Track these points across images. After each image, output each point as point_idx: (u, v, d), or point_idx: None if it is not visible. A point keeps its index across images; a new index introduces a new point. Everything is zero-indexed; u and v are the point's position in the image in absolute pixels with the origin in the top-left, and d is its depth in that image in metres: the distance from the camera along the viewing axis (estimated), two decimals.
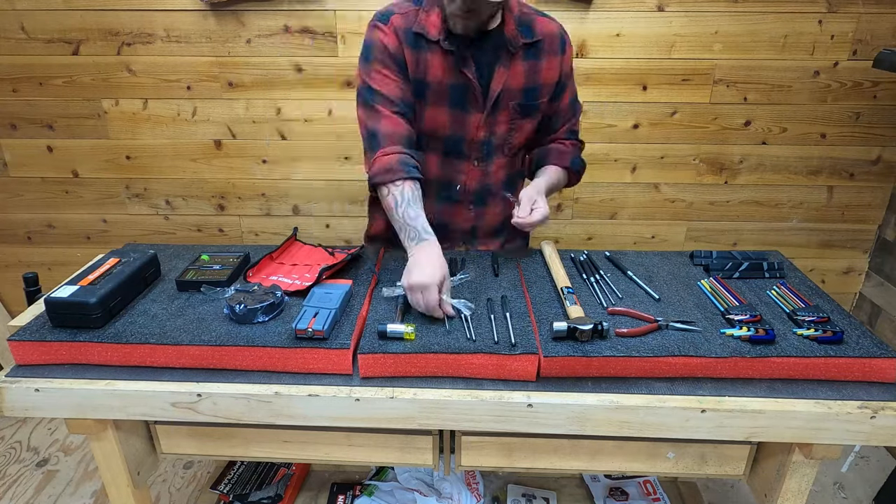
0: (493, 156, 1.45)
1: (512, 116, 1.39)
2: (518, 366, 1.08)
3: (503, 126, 1.40)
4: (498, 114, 1.38)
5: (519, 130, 1.43)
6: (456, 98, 1.35)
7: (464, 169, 1.45)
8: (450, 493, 1.70)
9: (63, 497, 1.97)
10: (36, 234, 2.41)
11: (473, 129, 1.39)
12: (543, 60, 1.37)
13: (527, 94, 1.38)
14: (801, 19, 1.97)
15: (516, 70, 1.35)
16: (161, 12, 2.02)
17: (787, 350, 1.09)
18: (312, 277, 1.33)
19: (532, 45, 1.35)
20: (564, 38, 1.40)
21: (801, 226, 2.29)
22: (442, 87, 1.34)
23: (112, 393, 1.08)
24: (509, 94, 1.36)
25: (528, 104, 1.39)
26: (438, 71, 1.32)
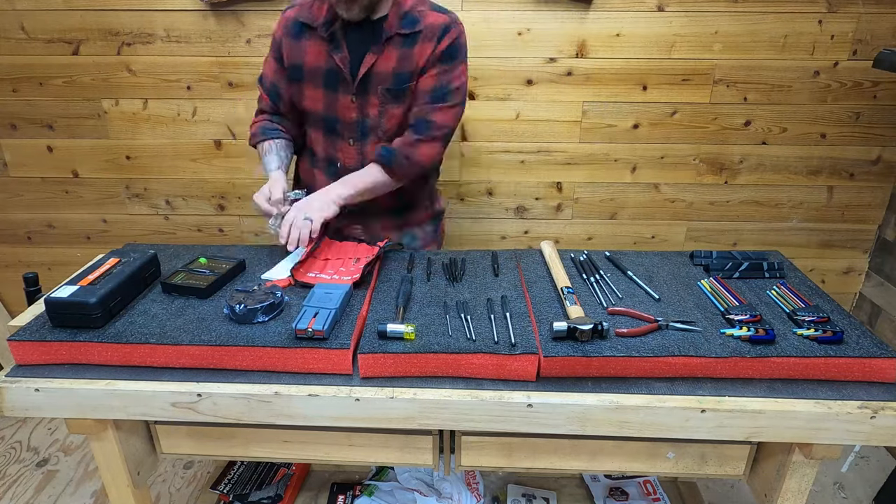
0: (368, 137, 1.53)
1: (381, 100, 1.47)
2: (518, 366, 1.08)
3: (374, 109, 1.49)
4: (368, 97, 1.48)
5: (388, 115, 1.49)
6: (328, 80, 1.48)
7: (341, 147, 1.56)
8: (450, 493, 1.70)
9: (63, 497, 1.97)
10: (36, 234, 2.41)
11: (344, 109, 1.50)
12: (417, 47, 1.43)
13: (397, 78, 1.45)
14: (801, 19, 1.97)
15: (388, 56, 1.43)
16: (161, 12, 2.02)
17: (787, 350, 1.09)
18: (348, 272, 1.36)
19: (410, 35, 1.43)
20: (450, 29, 1.42)
21: (801, 226, 2.29)
22: (317, 71, 1.48)
23: (112, 393, 1.08)
24: (378, 77, 1.45)
25: (396, 88, 1.45)
26: (313, 56, 1.47)
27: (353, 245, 1.50)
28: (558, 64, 2.04)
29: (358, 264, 1.38)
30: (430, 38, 1.43)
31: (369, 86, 1.46)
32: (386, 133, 1.52)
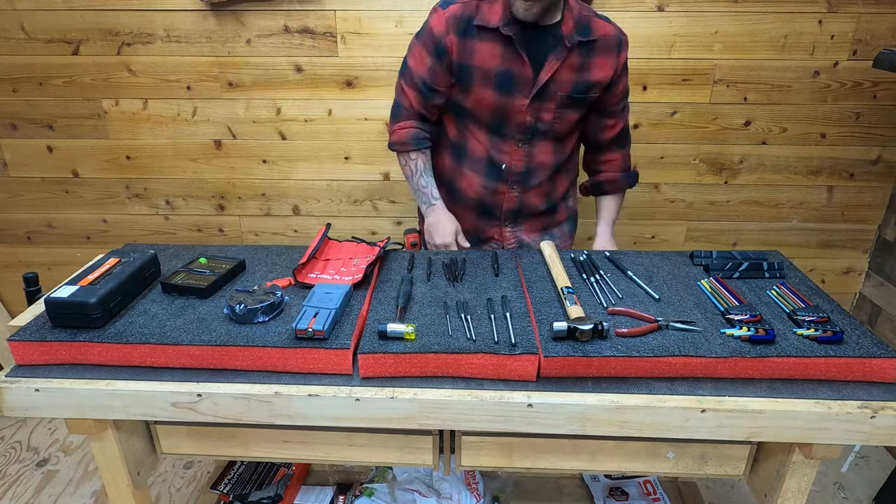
0: (536, 139, 1.54)
1: (558, 106, 1.48)
2: (518, 366, 1.08)
3: (549, 114, 1.49)
4: (545, 102, 1.47)
5: (564, 120, 1.52)
6: (502, 82, 1.45)
7: (507, 149, 1.54)
8: (450, 494, 1.70)
9: (63, 497, 1.97)
10: (36, 234, 2.41)
11: (517, 112, 1.49)
12: (596, 58, 1.46)
13: (576, 87, 1.47)
14: (801, 19, 1.97)
15: (569, 64, 1.44)
16: (161, 12, 2.02)
17: (787, 350, 1.09)
18: (349, 272, 1.35)
19: (587, 44, 1.44)
20: (622, 41, 1.49)
21: (801, 226, 2.29)
22: (489, 72, 1.45)
23: (112, 393, 1.08)
24: (558, 84, 1.45)
25: (577, 97, 1.48)
26: (487, 56, 1.43)
27: (354, 245, 1.49)
28: None
29: (359, 264, 1.38)
30: (608, 50, 1.47)
31: (547, 91, 1.45)
32: (556, 136, 1.54)
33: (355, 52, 2.05)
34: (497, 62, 1.44)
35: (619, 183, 1.67)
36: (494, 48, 1.43)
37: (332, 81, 2.10)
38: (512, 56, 1.42)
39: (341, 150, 2.21)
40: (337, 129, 2.18)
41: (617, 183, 1.67)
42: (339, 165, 2.24)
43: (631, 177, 1.68)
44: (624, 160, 1.66)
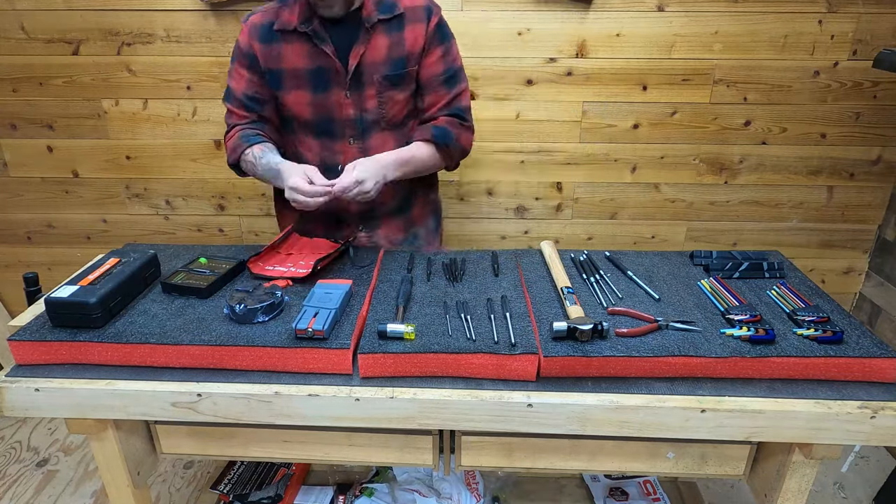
0: (369, 132, 1.48)
1: (379, 90, 1.43)
2: (518, 366, 1.08)
3: (372, 100, 1.44)
4: (364, 89, 1.43)
5: (391, 102, 1.45)
6: (316, 80, 1.42)
7: (340, 149, 1.49)
8: (449, 493, 1.70)
9: (63, 497, 1.97)
10: (36, 234, 2.41)
11: (338, 107, 1.44)
12: (406, 31, 1.41)
13: (393, 64, 1.42)
14: (801, 19, 1.97)
15: (377, 44, 1.40)
16: (161, 12, 2.02)
17: (787, 350, 1.09)
18: (308, 266, 1.35)
19: (393, 19, 1.40)
20: (432, 9, 1.43)
21: (801, 226, 2.29)
22: (300, 72, 1.42)
23: (112, 393, 1.08)
24: (372, 67, 1.41)
25: (395, 74, 1.42)
26: (294, 57, 1.41)
27: (317, 241, 1.50)
28: (558, 64, 2.04)
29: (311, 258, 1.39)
30: (416, 19, 1.41)
31: (363, 77, 1.42)
32: (390, 122, 1.48)
33: None
34: (305, 62, 1.41)
35: (425, 130, 1.47)
36: (300, 48, 1.40)
37: None
38: (317, 52, 1.40)
39: None
40: None
41: (423, 130, 1.47)
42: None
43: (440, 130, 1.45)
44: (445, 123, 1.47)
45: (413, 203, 1.62)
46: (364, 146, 1.48)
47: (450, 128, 1.47)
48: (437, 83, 1.46)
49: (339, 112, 1.45)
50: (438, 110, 1.48)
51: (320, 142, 1.50)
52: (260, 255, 1.40)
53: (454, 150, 1.50)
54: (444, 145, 1.47)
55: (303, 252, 1.46)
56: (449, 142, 1.47)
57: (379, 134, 1.48)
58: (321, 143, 1.50)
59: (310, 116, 1.46)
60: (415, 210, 1.63)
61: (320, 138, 1.49)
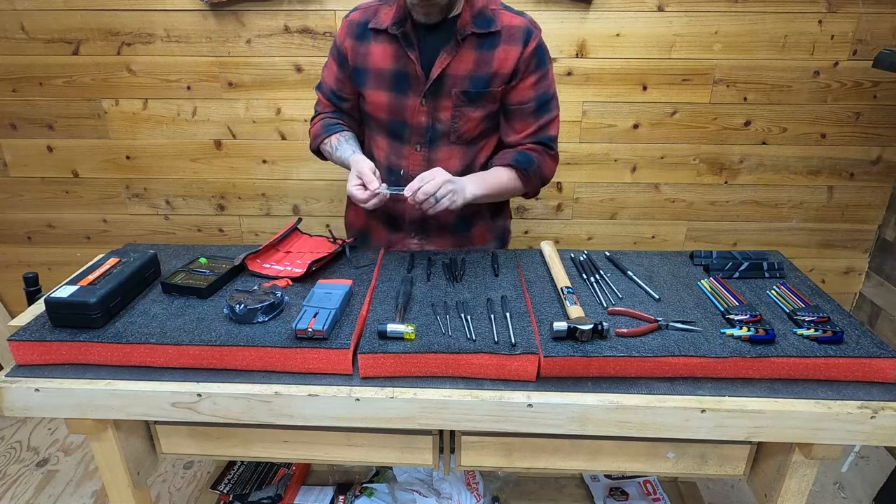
0: (438, 142, 1.45)
1: (455, 103, 1.40)
2: (518, 366, 1.08)
3: (446, 112, 1.42)
4: (440, 99, 1.40)
5: (464, 118, 1.42)
6: (396, 82, 1.41)
7: (406, 153, 1.48)
8: (449, 493, 1.70)
9: (63, 497, 1.97)
10: (36, 234, 2.41)
11: (413, 113, 1.43)
12: (498, 50, 1.37)
13: (473, 81, 1.38)
14: (801, 19, 1.97)
15: (464, 57, 1.37)
16: (161, 12, 2.02)
17: (787, 350, 1.09)
18: (304, 265, 1.35)
19: (488, 35, 1.36)
20: (532, 32, 1.38)
21: (801, 226, 2.29)
22: (382, 73, 1.41)
23: (112, 393, 1.08)
24: (453, 80, 1.38)
25: (474, 91, 1.39)
26: (380, 58, 1.41)
27: (317, 240, 1.50)
28: (558, 64, 2.04)
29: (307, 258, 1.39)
30: (512, 40, 1.36)
31: (442, 88, 1.39)
32: (460, 138, 1.45)
33: None
34: (390, 63, 1.40)
35: (506, 156, 1.45)
36: (387, 49, 1.40)
37: None
38: (403, 55, 1.38)
39: None
40: None
41: (504, 155, 1.46)
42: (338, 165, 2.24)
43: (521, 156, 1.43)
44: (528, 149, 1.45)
45: (473, 224, 1.58)
46: (430, 155, 1.47)
47: (533, 154, 1.45)
48: (528, 111, 1.43)
49: (412, 118, 1.43)
50: (525, 138, 1.45)
51: (389, 143, 1.49)
52: (258, 253, 1.40)
53: (535, 178, 1.47)
54: (525, 171, 1.44)
55: (301, 251, 1.46)
56: (530, 168, 1.44)
57: (447, 147, 1.46)
58: (390, 145, 1.49)
59: (384, 116, 1.46)
60: (474, 232, 1.59)
61: (390, 139, 1.49)
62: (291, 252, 1.45)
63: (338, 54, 1.47)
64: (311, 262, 1.34)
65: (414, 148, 1.47)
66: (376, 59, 1.41)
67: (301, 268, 1.36)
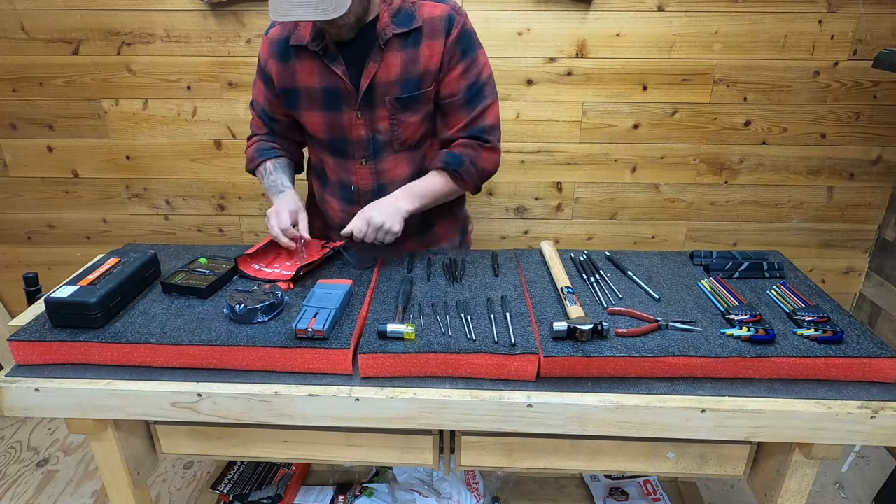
0: (382, 153, 1.42)
1: (391, 111, 1.36)
2: (518, 366, 1.08)
3: (384, 122, 1.37)
4: (375, 110, 1.36)
5: (403, 125, 1.38)
6: (328, 100, 1.36)
7: (353, 169, 1.45)
8: (449, 493, 1.70)
9: (63, 497, 1.97)
10: (36, 234, 2.41)
11: (350, 128, 1.39)
12: (423, 47, 1.31)
13: (405, 85, 1.33)
14: (801, 19, 1.97)
15: (390, 62, 1.31)
16: (161, 12, 2.02)
17: (787, 350, 1.09)
18: (292, 269, 1.35)
19: (410, 34, 1.30)
20: (454, 19, 1.31)
21: (801, 226, 2.29)
22: (313, 91, 1.37)
23: (112, 393, 1.08)
24: (384, 88, 1.33)
25: (407, 96, 1.34)
26: (308, 76, 1.35)
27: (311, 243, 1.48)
28: (558, 64, 2.04)
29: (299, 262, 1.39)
30: (434, 34, 1.30)
31: (375, 98, 1.34)
32: (403, 144, 1.41)
33: None
34: (317, 81, 1.35)
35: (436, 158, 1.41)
36: (312, 67, 1.34)
37: None
38: (329, 72, 1.33)
39: None
40: None
41: (435, 158, 1.42)
42: None
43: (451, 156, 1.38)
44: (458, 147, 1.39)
45: (434, 223, 1.56)
46: (376, 167, 1.44)
47: (464, 152, 1.39)
48: (458, 104, 1.37)
49: (350, 132, 1.40)
50: (457, 132, 1.40)
51: (335, 160, 1.46)
52: (252, 254, 1.39)
53: (469, 176, 1.41)
54: (456, 172, 1.39)
55: (293, 254, 1.45)
56: (460, 168, 1.39)
57: (392, 156, 1.42)
58: (336, 162, 1.46)
59: (324, 136, 1.43)
60: (438, 230, 1.58)
61: (335, 157, 1.46)
62: (282, 255, 1.44)
63: (263, 75, 1.42)
64: (299, 268, 1.33)
65: (360, 163, 1.43)
66: (304, 78, 1.36)
67: (290, 270, 1.35)
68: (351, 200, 1.48)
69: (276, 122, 1.49)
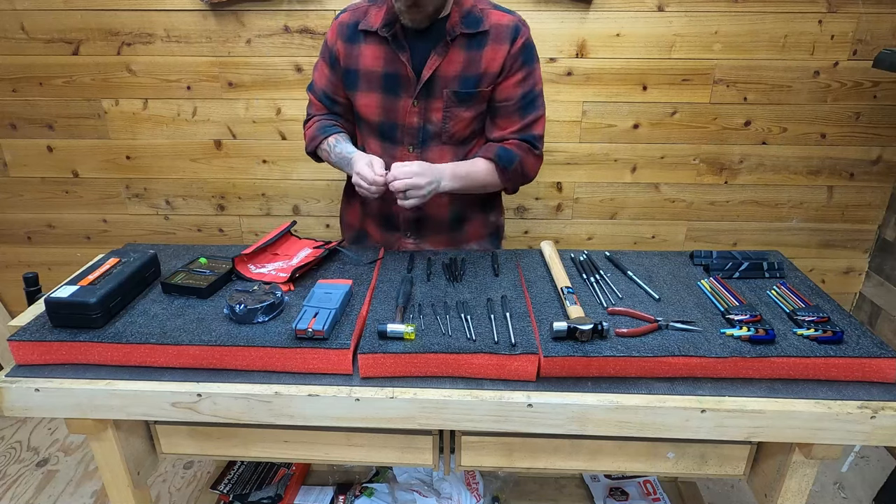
0: (430, 143, 1.47)
1: (446, 104, 1.41)
2: (518, 366, 1.08)
3: (437, 113, 1.43)
4: (431, 100, 1.42)
5: (455, 119, 1.44)
6: (388, 84, 1.42)
7: (398, 155, 1.48)
8: (449, 493, 1.70)
9: (63, 497, 1.97)
10: (36, 234, 2.41)
11: (405, 114, 1.44)
12: (487, 49, 1.38)
13: (463, 81, 1.39)
14: (801, 19, 1.97)
15: (453, 58, 1.38)
16: (161, 12, 2.02)
17: (787, 350, 1.09)
18: (289, 270, 1.35)
19: (476, 35, 1.37)
20: (519, 30, 1.39)
21: (801, 226, 2.29)
22: (373, 75, 1.42)
23: (112, 393, 1.08)
24: (443, 80, 1.39)
25: (465, 92, 1.40)
26: (371, 59, 1.41)
27: (305, 243, 1.50)
28: (558, 64, 2.04)
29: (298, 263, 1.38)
30: (500, 39, 1.37)
31: (433, 89, 1.40)
32: (452, 138, 1.46)
33: None
34: (380, 65, 1.41)
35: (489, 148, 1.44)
36: (377, 51, 1.40)
37: None
38: (393, 57, 1.39)
39: None
40: None
41: (488, 147, 1.45)
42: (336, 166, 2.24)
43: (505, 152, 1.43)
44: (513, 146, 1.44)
45: (466, 221, 1.59)
46: (422, 156, 1.47)
47: (516, 150, 1.45)
48: (513, 108, 1.43)
49: (403, 119, 1.44)
50: (510, 134, 1.45)
51: (382, 144, 1.50)
52: (250, 254, 1.39)
53: (515, 174, 1.46)
54: (505, 168, 1.44)
55: (289, 254, 1.45)
56: (510, 165, 1.44)
57: (438, 147, 1.47)
58: (382, 146, 1.50)
59: (376, 119, 1.47)
60: (468, 229, 1.60)
61: (383, 141, 1.49)
62: (279, 255, 1.44)
63: (329, 56, 1.47)
64: (294, 270, 1.33)
65: (406, 149, 1.48)
66: (367, 60, 1.42)
67: (286, 272, 1.35)
68: None
69: (336, 104, 1.53)
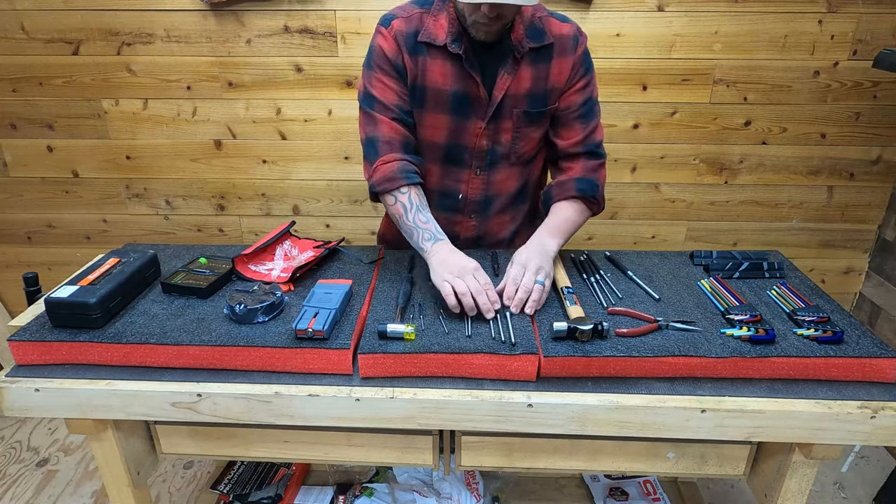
0: (498, 165, 1.41)
1: (517, 124, 1.35)
2: (518, 366, 1.08)
3: (507, 134, 1.36)
4: (501, 121, 1.34)
5: (525, 139, 1.37)
6: (457, 105, 1.32)
7: (464, 178, 1.42)
8: (449, 494, 1.70)
9: (63, 497, 1.97)
10: (36, 234, 2.41)
11: (473, 136, 1.36)
12: (553, 63, 1.31)
13: (533, 100, 1.33)
14: (801, 19, 1.97)
15: (522, 76, 1.31)
16: (161, 12, 2.02)
17: (787, 350, 1.09)
18: (288, 271, 1.35)
19: (541, 49, 1.30)
20: (579, 39, 1.34)
21: (801, 226, 2.29)
22: (443, 94, 1.31)
23: (112, 393, 1.08)
24: (514, 100, 1.32)
25: (535, 111, 1.34)
26: (439, 77, 1.30)
27: (305, 243, 1.49)
28: None
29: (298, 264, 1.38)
30: (564, 51, 1.31)
31: (503, 109, 1.32)
32: (520, 159, 1.40)
33: (355, 52, 2.05)
34: (450, 84, 1.30)
35: (568, 187, 1.37)
36: (445, 67, 1.29)
37: (332, 81, 2.10)
38: (464, 76, 1.29)
39: (341, 149, 2.21)
40: (337, 129, 2.17)
41: (565, 186, 1.38)
42: (339, 165, 2.24)
43: (584, 183, 1.36)
44: (585, 171, 1.38)
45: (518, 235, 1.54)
46: (489, 178, 1.41)
47: (591, 176, 1.38)
48: (573, 116, 1.36)
49: (472, 141, 1.36)
50: (574, 145, 1.38)
51: (444, 168, 1.41)
52: (249, 254, 1.39)
53: (602, 198, 1.40)
54: (593, 198, 1.38)
55: (289, 255, 1.45)
56: (596, 193, 1.38)
57: (506, 168, 1.41)
58: (444, 170, 1.41)
59: (442, 141, 1.37)
60: (517, 241, 1.53)
61: (445, 165, 1.40)
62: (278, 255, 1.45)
63: (394, 69, 1.30)
64: (295, 270, 1.33)
65: (473, 172, 1.40)
66: (435, 77, 1.30)
67: (287, 271, 1.35)
68: (456, 209, 1.45)
69: (413, 124, 1.36)
